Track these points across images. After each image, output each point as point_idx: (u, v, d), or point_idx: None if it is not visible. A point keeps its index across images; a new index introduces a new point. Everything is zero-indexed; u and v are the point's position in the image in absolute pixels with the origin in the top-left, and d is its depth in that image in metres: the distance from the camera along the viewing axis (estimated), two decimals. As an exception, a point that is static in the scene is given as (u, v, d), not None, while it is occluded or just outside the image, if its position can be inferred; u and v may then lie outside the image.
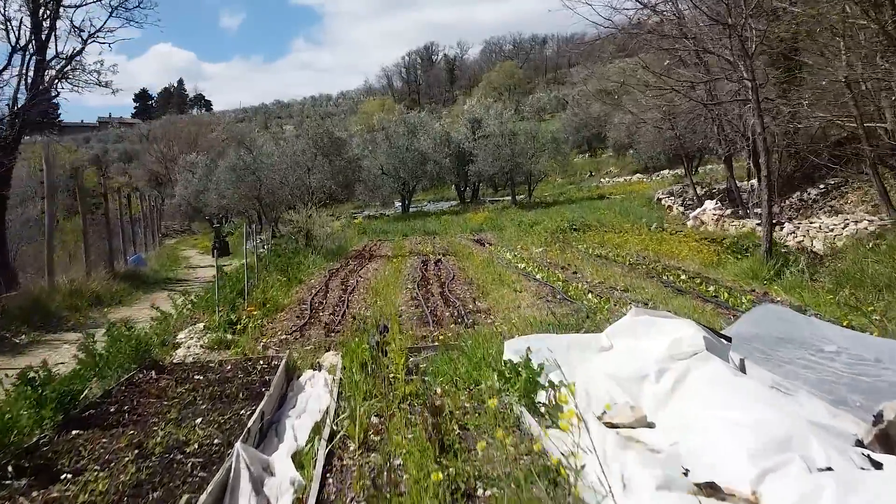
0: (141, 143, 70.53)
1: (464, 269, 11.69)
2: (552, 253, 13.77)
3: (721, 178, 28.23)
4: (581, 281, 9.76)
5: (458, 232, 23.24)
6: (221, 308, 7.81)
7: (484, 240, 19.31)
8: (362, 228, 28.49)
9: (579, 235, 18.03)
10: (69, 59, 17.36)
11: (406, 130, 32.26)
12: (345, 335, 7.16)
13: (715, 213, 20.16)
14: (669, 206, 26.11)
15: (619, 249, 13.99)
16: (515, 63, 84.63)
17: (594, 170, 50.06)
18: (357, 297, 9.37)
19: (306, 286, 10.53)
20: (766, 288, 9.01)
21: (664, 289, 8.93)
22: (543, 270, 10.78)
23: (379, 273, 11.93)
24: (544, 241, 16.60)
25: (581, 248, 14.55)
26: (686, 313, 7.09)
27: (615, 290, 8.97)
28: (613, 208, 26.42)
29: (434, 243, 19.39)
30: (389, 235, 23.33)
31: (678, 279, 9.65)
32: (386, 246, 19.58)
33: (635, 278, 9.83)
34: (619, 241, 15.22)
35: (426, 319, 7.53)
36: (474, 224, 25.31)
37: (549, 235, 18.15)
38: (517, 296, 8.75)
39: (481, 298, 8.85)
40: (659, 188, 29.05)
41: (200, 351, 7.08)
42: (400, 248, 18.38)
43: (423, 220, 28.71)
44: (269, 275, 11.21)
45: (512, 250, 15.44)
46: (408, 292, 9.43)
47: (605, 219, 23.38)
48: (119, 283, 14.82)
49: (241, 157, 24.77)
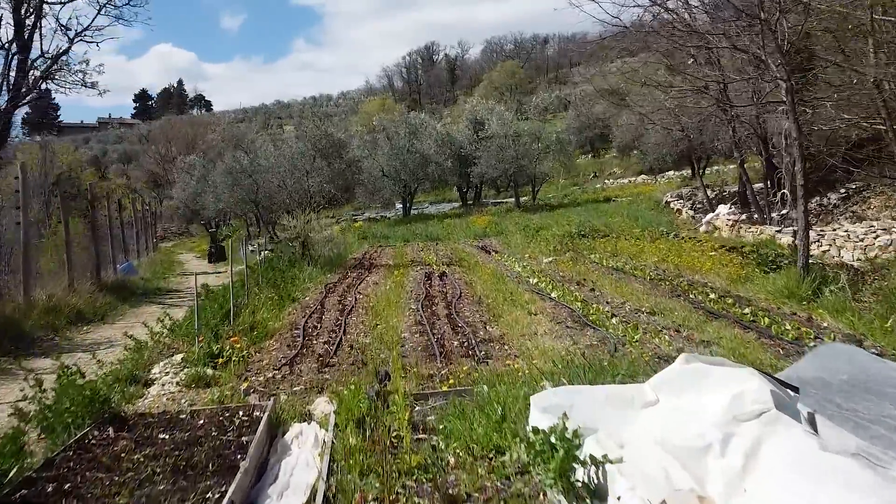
0: (140, 143, 69.61)
1: (471, 285, 10.77)
2: (563, 264, 12.85)
3: (731, 179, 27.30)
4: (601, 301, 8.84)
5: (461, 237, 22.33)
6: (202, 338, 6.89)
7: (489, 247, 18.40)
8: (363, 233, 27.57)
9: (589, 243, 17.11)
10: (55, 59, 16.47)
11: (407, 131, 31.32)
12: (340, 370, 6.26)
13: (729, 218, 19.24)
14: (678, 209, 25.19)
15: (635, 260, 13.08)
16: (517, 63, 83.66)
17: (597, 171, 49.12)
18: (355, 320, 8.46)
19: (300, 306, 9.61)
20: (806, 310, 8.09)
21: (694, 311, 8.02)
22: (557, 287, 9.86)
23: (379, 288, 11.02)
24: (553, 250, 15.68)
25: (594, 258, 13.63)
26: (730, 347, 6.19)
27: (640, 312, 8.06)
28: (621, 212, 25.50)
29: (437, 250, 18.48)
30: (390, 241, 22.42)
31: (707, 298, 8.73)
32: (387, 253, 18.67)
33: (659, 297, 8.91)
34: (633, 250, 14.30)
35: (432, 351, 6.62)
36: (478, 228, 24.40)
37: (557, 243, 17.24)
38: (532, 319, 7.84)
39: (493, 322, 7.93)
40: (667, 190, 28.13)
41: (176, 389, 6.18)
42: (401, 256, 17.47)
43: (425, 224, 27.79)
44: (260, 291, 10.30)
45: (519, 260, 14.53)
46: (411, 314, 8.52)
47: (614, 224, 22.47)
48: (105, 295, 13.91)
49: (238, 160, 23.86)
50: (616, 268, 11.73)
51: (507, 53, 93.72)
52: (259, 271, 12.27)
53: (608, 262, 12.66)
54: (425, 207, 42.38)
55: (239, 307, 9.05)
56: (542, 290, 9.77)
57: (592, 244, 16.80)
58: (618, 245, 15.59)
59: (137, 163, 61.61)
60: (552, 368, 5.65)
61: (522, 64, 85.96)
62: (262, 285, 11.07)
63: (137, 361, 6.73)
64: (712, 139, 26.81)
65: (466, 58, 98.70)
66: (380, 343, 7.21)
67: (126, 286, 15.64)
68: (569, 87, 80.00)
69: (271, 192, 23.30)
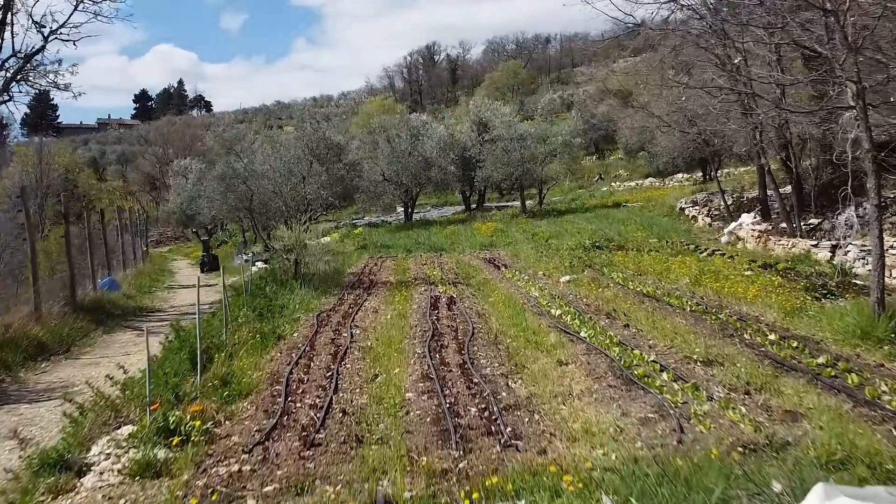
0: (139, 145, 68.20)
1: (484, 317, 9.32)
2: (584, 286, 11.41)
3: (748, 184, 25.83)
4: (640, 343, 7.41)
5: (466, 247, 20.90)
6: (156, 404, 5.45)
7: (497, 260, 16.96)
8: (363, 240, 26.15)
9: (606, 256, 15.67)
10: (27, 59, 15.06)
11: (409, 134, 29.86)
12: (329, 452, 4.83)
13: (754, 228, 17.79)
14: (694, 216, 23.75)
15: (663, 280, 11.63)
16: (519, 63, 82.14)
17: (603, 173, 47.64)
18: (349, 368, 7.02)
19: (287, 346, 8.16)
20: (891, 357, 6.66)
21: (757, 359, 6.59)
22: (585, 322, 8.43)
23: (379, 319, 9.58)
24: (569, 267, 14.24)
25: (616, 277, 12.19)
26: (829, 426, 4.75)
27: (692, 361, 6.62)
28: (633, 219, 24.07)
29: (441, 263, 17.05)
30: (391, 251, 20.99)
31: (766, 340, 7.29)
32: (388, 267, 17.24)
33: (709, 338, 7.47)
34: (658, 267, 12.86)
35: (445, 424, 5.19)
36: (483, 237, 22.97)
37: (571, 257, 15.81)
38: (563, 372, 6.41)
39: (516, 374, 6.50)
40: (680, 196, 26.68)
41: (117, 481, 4.75)
42: (403, 270, 16.04)
43: (428, 231, 26.36)
44: (241, 326, 8.85)
45: (533, 278, 13.11)
46: (416, 361, 7.07)
47: (628, 233, 21.04)
48: (77, 319, 12.48)
49: (231, 165, 22.41)
50: (646, 293, 10.29)
51: (508, 53, 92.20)
52: (243, 299, 10.81)
53: (634, 285, 11.22)
54: (427, 211, 40.93)
55: (214, 350, 7.62)
56: (567, 325, 8.33)
57: (610, 258, 15.37)
58: (640, 261, 14.16)
59: (136, 164, 60.17)
60: (605, 460, 4.24)
61: (524, 64, 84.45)
62: (246, 315, 9.64)
63: (73, 436, 5.30)
64: (729, 142, 25.42)
65: (468, 58, 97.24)
66: (378, 406, 5.79)
67: (104, 306, 14.22)
68: (571, 88, 78.50)
69: (266, 198, 21.85)
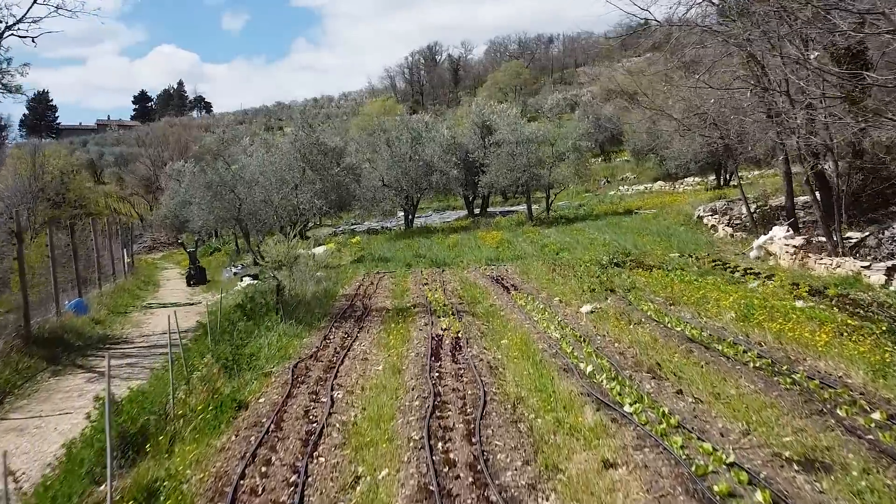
0: (137, 146, 66.44)
1: (497, 372, 7.46)
2: (611, 321, 9.59)
3: (771, 190, 23.95)
4: (707, 425, 5.58)
5: (470, 261, 19.09)
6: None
7: (505, 278, 15.15)
8: (360, 250, 24.36)
9: (627, 276, 13.85)
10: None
11: (409, 137, 28.02)
12: None
13: (787, 243, 15.95)
14: (713, 225, 21.92)
15: (703, 314, 9.81)
16: (521, 63, 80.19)
17: (609, 175, 45.78)
18: (324, 464, 5.20)
19: (248, 421, 6.30)
20: None
21: (873, 458, 4.79)
22: (625, 385, 6.61)
23: (368, 373, 7.74)
24: (588, 290, 12.42)
25: (647, 308, 10.38)
26: None
27: (787, 463, 4.81)
28: (648, 229, 22.26)
29: (444, 282, 15.26)
30: (390, 265, 19.17)
31: (868, 421, 5.48)
32: (385, 286, 15.44)
33: (793, 416, 5.66)
34: (694, 294, 11.03)
35: None
36: (488, 248, 21.16)
37: (588, 276, 14.00)
38: (612, 482, 4.60)
39: (545, 484, 4.69)
40: (697, 202, 24.80)
41: None
42: (402, 292, 14.23)
43: (429, 240, 24.56)
44: (194, 388, 7.02)
45: (548, 306, 11.30)
46: (411, 456, 5.23)
47: (646, 245, 19.24)
48: (27, 355, 10.71)
49: (219, 172, 20.60)
50: (690, 337, 8.46)
51: (511, 53, 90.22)
52: (212, 340, 8.95)
53: (670, 320, 9.38)
54: (429, 216, 39.13)
55: (152, 429, 5.82)
56: (604, 391, 6.51)
57: (632, 280, 13.56)
58: (668, 284, 12.34)
59: (130, 168, 58.39)
60: None
61: (527, 64, 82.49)
62: (206, 368, 7.82)
63: None
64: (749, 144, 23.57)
65: (470, 58, 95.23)
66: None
67: (63, 337, 12.44)
68: (575, 88, 76.58)
69: (256, 207, 20.09)
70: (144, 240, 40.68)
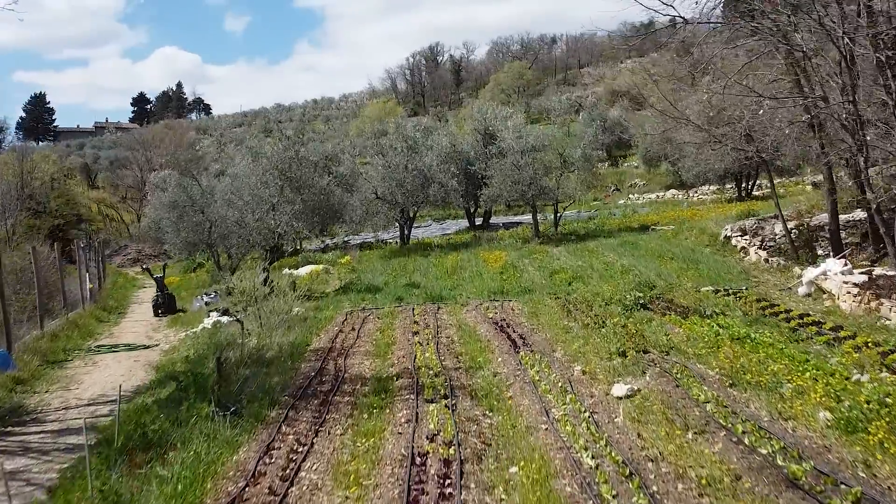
0: (132, 150, 63.79)
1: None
2: (664, 431, 6.84)
3: (806, 207, 21.13)
4: None
5: (471, 294, 16.36)
6: None
7: (510, 324, 12.41)
8: (350, 271, 21.68)
9: (660, 327, 11.11)
10: None
11: (405, 146, 25.28)
12: None
13: (847, 280, 13.12)
14: (743, 248, 19.09)
15: (781, 406, 7.06)
16: (524, 64, 77.31)
17: (617, 182, 43.04)
18: None
19: None
20: None
21: None
22: None
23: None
24: (616, 353, 9.67)
25: (702, 396, 7.63)
26: None
27: None
28: (671, 251, 19.48)
29: (438, 328, 12.55)
30: (379, 298, 16.44)
31: None
32: (368, 333, 12.72)
33: None
34: (758, 371, 8.27)
35: None
36: (492, 274, 18.41)
37: (612, 324, 11.26)
38: None
39: None
40: (723, 220, 21.97)
41: None
42: (387, 346, 11.49)
43: (426, 261, 21.86)
44: None
45: (568, 383, 8.57)
46: None
47: (671, 273, 16.48)
48: None
49: (186, 190, 17.91)
50: (790, 476, 5.68)
51: (513, 54, 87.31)
52: (105, 459, 6.05)
53: (748, 429, 6.59)
54: (428, 225, 36.44)
55: None
56: None
57: (665, 330, 10.83)
58: (717, 344, 9.59)
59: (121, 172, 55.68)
60: None
61: (530, 65, 79.62)
62: None
63: None
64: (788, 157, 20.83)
65: (472, 59, 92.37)
66: None
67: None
68: (579, 89, 73.76)
69: (228, 230, 17.39)
70: (129, 252, 37.99)
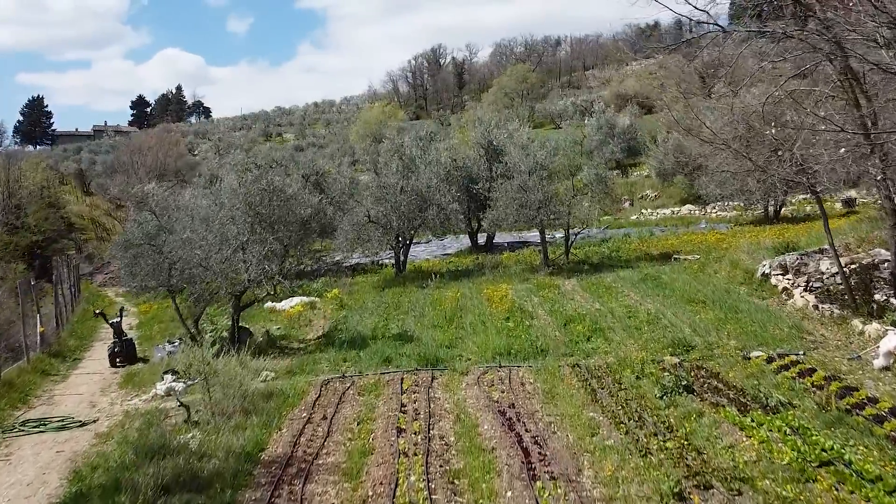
0: (124, 155, 61.00)
1: None
2: None
3: (854, 240, 18.28)
4: None
5: (472, 352, 13.62)
6: None
7: (522, 415, 9.62)
8: (338, 308, 18.98)
9: (715, 428, 8.36)
10: None
11: (401, 165, 22.50)
12: None
13: (942, 355, 10.31)
14: (786, 289, 16.26)
15: None
16: (528, 66, 74.37)
17: (628, 194, 40.15)
18: None
19: None
20: None
21: None
22: None
23: None
24: (670, 493, 6.95)
25: None
26: None
27: None
28: (702, 291, 16.66)
29: (431, 417, 9.80)
30: (364, 358, 13.67)
31: None
32: (341, 425, 9.97)
33: None
34: None
35: None
36: (497, 325, 15.57)
37: (652, 422, 8.50)
38: None
39: None
40: (756, 251, 19.08)
41: None
42: (361, 455, 8.74)
43: (422, 297, 19.10)
44: None
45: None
46: None
47: (709, 326, 13.68)
48: None
49: (143, 227, 15.19)
50: None
51: (517, 56, 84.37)
52: None
53: None
54: (428, 242, 33.61)
55: None
56: None
57: (723, 440, 8.08)
58: (814, 486, 6.86)
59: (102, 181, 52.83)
60: None
61: (534, 67, 76.67)
62: None
63: None
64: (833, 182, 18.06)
65: (475, 61, 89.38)
66: None
67: None
68: (584, 92, 70.83)
69: (191, 272, 14.68)
70: (112, 269, 35.24)
